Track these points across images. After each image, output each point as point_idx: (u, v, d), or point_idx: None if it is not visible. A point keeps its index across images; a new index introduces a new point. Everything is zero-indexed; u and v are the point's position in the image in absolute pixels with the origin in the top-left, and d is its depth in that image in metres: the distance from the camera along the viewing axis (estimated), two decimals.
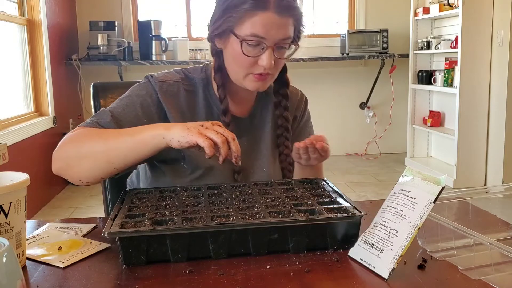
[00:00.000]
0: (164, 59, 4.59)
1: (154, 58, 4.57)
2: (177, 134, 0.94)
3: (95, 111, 1.41)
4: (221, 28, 1.09)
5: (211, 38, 1.15)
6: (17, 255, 0.80)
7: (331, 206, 0.91)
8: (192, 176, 1.15)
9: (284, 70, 1.22)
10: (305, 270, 0.79)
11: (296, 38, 1.13)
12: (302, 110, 1.32)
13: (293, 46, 1.13)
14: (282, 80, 1.23)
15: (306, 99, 1.34)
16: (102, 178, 1.05)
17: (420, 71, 4.59)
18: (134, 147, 0.98)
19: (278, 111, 1.24)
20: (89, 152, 1.01)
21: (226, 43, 1.11)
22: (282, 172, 1.24)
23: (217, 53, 1.16)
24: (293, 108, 1.29)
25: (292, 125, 1.28)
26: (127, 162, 1.01)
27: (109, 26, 4.50)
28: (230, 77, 1.16)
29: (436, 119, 4.52)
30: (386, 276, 0.76)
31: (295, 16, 1.10)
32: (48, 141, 3.86)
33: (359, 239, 0.84)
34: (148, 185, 1.22)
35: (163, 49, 4.58)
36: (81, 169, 1.02)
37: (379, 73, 4.93)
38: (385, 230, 0.80)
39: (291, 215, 0.86)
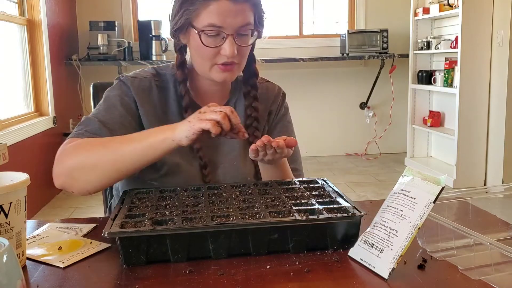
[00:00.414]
0: (164, 59, 4.58)
1: (154, 58, 4.57)
2: (183, 131, 0.95)
3: None
4: (180, 23, 1.10)
5: (173, 34, 1.16)
6: (17, 255, 0.80)
7: (331, 206, 0.90)
8: (161, 172, 1.15)
9: (252, 60, 1.23)
10: (305, 270, 0.79)
11: (257, 24, 1.13)
12: (279, 105, 1.31)
13: (256, 33, 1.13)
14: (250, 70, 1.24)
15: (283, 93, 1.33)
16: (109, 185, 1.06)
17: (420, 71, 4.59)
18: (144, 153, 0.99)
19: (247, 101, 1.24)
20: (96, 163, 1.01)
21: (188, 37, 1.13)
22: (253, 163, 1.22)
23: (180, 49, 1.18)
24: (269, 102, 1.29)
25: (268, 119, 1.29)
26: (136, 168, 1.02)
27: (109, 26, 4.50)
28: (197, 72, 1.17)
29: (436, 119, 4.52)
30: (386, 276, 0.76)
31: (252, 1, 1.09)
32: (48, 141, 3.86)
33: (359, 239, 0.84)
34: (122, 186, 1.22)
35: (163, 49, 4.58)
36: (88, 180, 1.02)
37: (379, 73, 4.93)
38: (385, 230, 0.80)
39: (291, 215, 0.86)
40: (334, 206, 0.91)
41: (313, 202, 0.93)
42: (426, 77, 4.48)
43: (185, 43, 1.16)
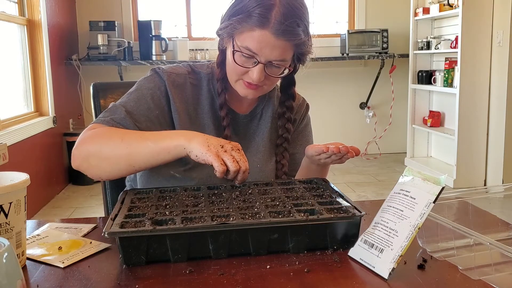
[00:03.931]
0: (164, 59, 4.58)
1: (154, 58, 4.57)
2: (197, 149, 0.97)
3: (95, 111, 1.41)
4: (225, 30, 1.11)
5: (219, 34, 1.16)
6: (17, 255, 0.80)
7: (331, 206, 0.90)
8: (187, 166, 1.16)
9: (292, 83, 1.25)
10: (305, 270, 0.79)
11: (295, 60, 1.14)
12: (302, 115, 1.33)
13: (286, 70, 1.13)
14: (289, 93, 1.26)
15: (307, 105, 1.35)
16: (122, 176, 1.09)
17: (420, 71, 4.59)
18: (157, 153, 1.01)
19: (280, 121, 1.26)
20: (110, 154, 1.03)
21: (228, 45, 1.14)
22: (276, 177, 1.26)
23: (223, 49, 1.18)
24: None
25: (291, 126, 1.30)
26: (148, 166, 1.05)
27: (109, 26, 4.50)
28: None
29: (436, 119, 4.52)
30: (386, 276, 0.76)
31: (294, 42, 1.07)
32: (48, 141, 3.86)
33: (359, 239, 0.84)
34: (142, 178, 1.22)
35: (163, 49, 4.58)
36: (102, 168, 1.06)
37: (379, 73, 4.93)
38: (385, 230, 0.80)
39: (291, 215, 0.86)
40: (334, 206, 0.91)
41: (313, 202, 0.93)
42: (426, 77, 4.48)
43: (225, 45, 1.16)
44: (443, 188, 0.78)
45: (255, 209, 0.89)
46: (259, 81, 1.10)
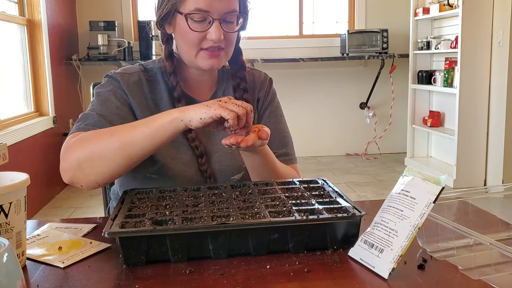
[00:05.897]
0: None
1: (154, 58, 4.56)
2: (197, 113, 0.93)
3: None
4: (166, 9, 1.11)
5: (160, 24, 1.17)
6: (17, 255, 0.80)
7: (331, 206, 0.90)
8: (157, 165, 1.15)
9: (239, 53, 1.24)
10: (305, 270, 0.79)
11: (242, 12, 1.14)
12: (267, 91, 1.31)
13: (241, 20, 1.14)
14: (237, 63, 1.25)
15: (270, 79, 1.33)
16: (119, 175, 1.03)
17: (420, 71, 4.59)
18: (152, 135, 0.97)
19: (237, 93, 1.25)
20: (103, 152, 0.98)
21: (174, 25, 1.14)
22: None
23: (167, 40, 1.19)
24: (256, 90, 1.29)
25: (256, 106, 1.29)
26: (145, 153, 1.00)
27: (109, 26, 4.50)
28: (184, 62, 1.18)
29: (436, 119, 4.52)
30: (386, 276, 0.76)
31: None
32: (48, 141, 3.86)
33: (359, 239, 0.84)
34: (121, 185, 1.22)
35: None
36: (97, 171, 0.99)
37: (379, 73, 4.93)
38: (385, 230, 0.80)
39: (291, 215, 0.86)
40: (334, 206, 0.90)
41: (313, 202, 0.93)
42: (426, 77, 4.48)
43: (170, 33, 1.17)
44: (443, 188, 0.78)
45: (255, 209, 0.89)
46: (220, 40, 1.09)
